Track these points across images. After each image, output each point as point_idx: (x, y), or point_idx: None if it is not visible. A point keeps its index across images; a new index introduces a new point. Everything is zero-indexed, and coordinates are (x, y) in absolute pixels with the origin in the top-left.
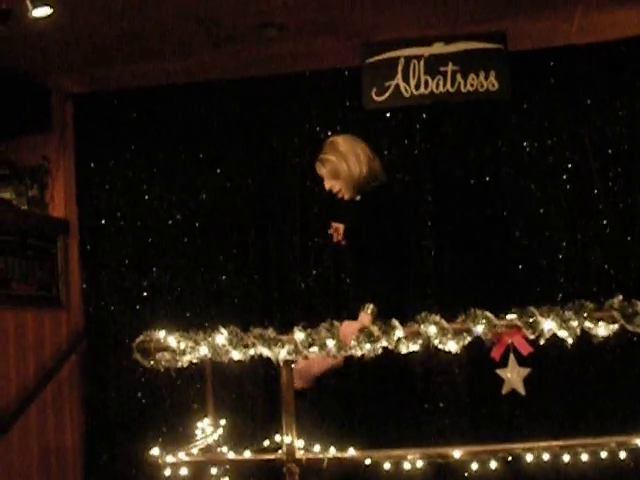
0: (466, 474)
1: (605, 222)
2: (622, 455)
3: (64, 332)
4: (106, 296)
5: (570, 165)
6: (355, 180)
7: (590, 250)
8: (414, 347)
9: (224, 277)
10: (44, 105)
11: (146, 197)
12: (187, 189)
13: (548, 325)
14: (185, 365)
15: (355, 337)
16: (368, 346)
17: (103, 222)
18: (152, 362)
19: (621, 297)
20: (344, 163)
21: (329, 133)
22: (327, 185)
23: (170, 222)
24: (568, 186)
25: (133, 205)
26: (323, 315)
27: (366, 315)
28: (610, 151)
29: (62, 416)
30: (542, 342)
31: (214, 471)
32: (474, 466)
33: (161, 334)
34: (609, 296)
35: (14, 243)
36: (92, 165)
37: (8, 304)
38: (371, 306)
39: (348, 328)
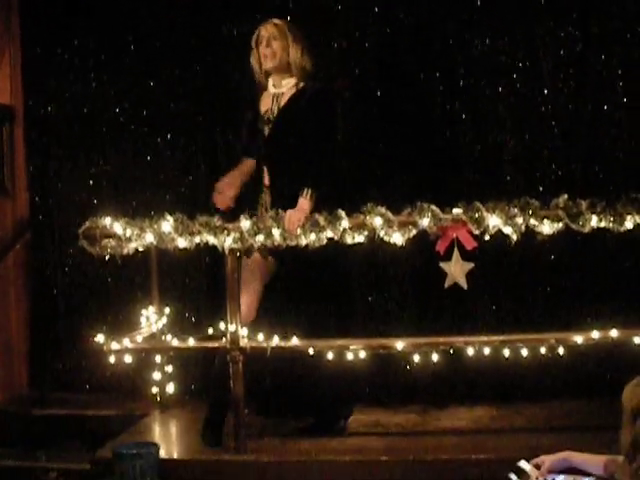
0: (408, 366)
1: (553, 123)
2: (561, 351)
3: (9, 220)
4: (52, 184)
5: (521, 65)
6: (299, 55)
7: (537, 150)
8: (359, 238)
9: (171, 167)
10: None
11: (94, 84)
12: (137, 76)
13: (493, 221)
14: (131, 252)
15: (300, 226)
16: (313, 236)
17: (50, 110)
18: (98, 249)
19: (566, 196)
20: (294, 32)
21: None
22: (265, 44)
23: (118, 110)
24: (518, 85)
25: (81, 93)
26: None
27: (305, 200)
28: (562, 52)
29: (7, 305)
30: (487, 237)
31: (158, 359)
32: (416, 358)
33: (107, 221)
34: (555, 196)
35: None
36: (39, 50)
37: None
38: (310, 191)
39: (293, 216)
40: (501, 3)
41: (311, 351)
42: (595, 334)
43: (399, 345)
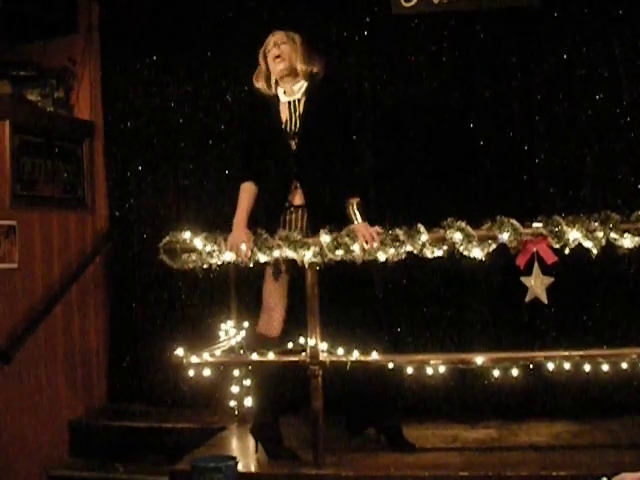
0: (487, 381)
1: (633, 135)
2: None
3: (89, 234)
4: (131, 198)
5: (599, 77)
6: (309, 57)
7: (617, 163)
8: (439, 253)
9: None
10: (70, 5)
11: (173, 99)
12: (214, 91)
13: (573, 235)
14: (210, 267)
15: (378, 240)
16: (392, 250)
17: (129, 124)
18: (178, 263)
19: None
20: (301, 38)
21: (356, 38)
22: (275, 50)
23: (196, 124)
24: (597, 97)
25: (159, 107)
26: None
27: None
28: None
29: (87, 317)
30: (567, 252)
31: (236, 373)
32: (496, 373)
33: (187, 235)
34: (635, 209)
35: (40, 144)
36: (118, 67)
37: (34, 205)
38: (358, 200)
39: (367, 232)
40: (576, 13)
41: (391, 365)
42: None
43: (479, 360)
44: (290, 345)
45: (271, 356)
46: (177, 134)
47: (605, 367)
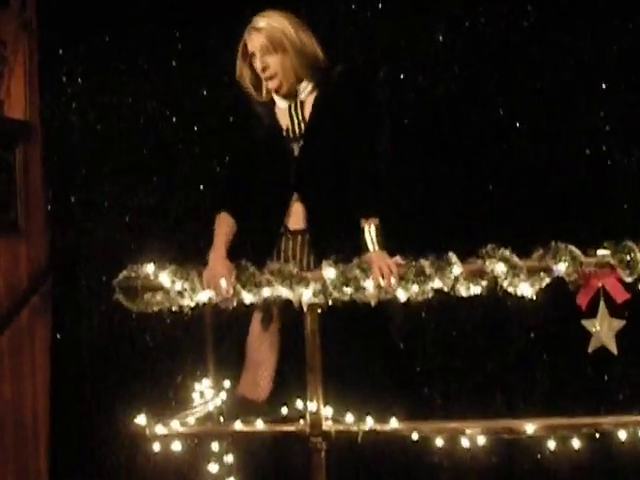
0: (540, 455)
1: None
2: None
3: (23, 267)
4: (77, 221)
5: None
6: (307, 54)
7: None
8: (476, 290)
9: None
10: None
11: (131, 93)
12: (185, 82)
13: None
14: (180, 310)
15: (395, 274)
16: (416, 287)
17: (74, 126)
18: (138, 305)
19: None
20: (290, 28)
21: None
22: (259, 64)
23: (162, 125)
24: None
25: (114, 104)
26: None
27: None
28: None
29: (20, 375)
30: None
31: (216, 446)
32: (551, 444)
33: (150, 269)
34: None
35: None
36: (61, 53)
37: None
38: (375, 221)
39: (383, 263)
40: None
41: (415, 436)
42: None
43: (529, 428)
44: (284, 411)
45: (260, 425)
46: (138, 138)
47: None
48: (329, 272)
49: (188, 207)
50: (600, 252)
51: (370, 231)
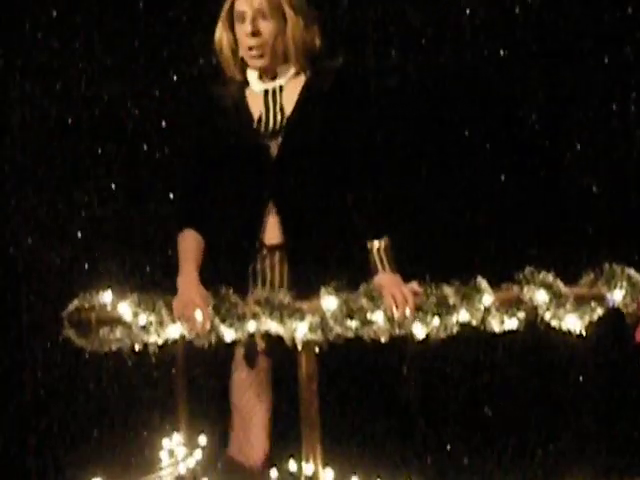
0: None
1: None
2: None
3: None
4: (14, 238)
5: None
6: (306, 32)
7: None
8: (511, 323)
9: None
10: None
11: (81, 79)
12: (150, 66)
13: None
14: (144, 347)
15: (411, 304)
16: (437, 321)
17: (11, 119)
18: (93, 342)
19: None
20: (293, 4)
21: None
22: (250, 27)
23: (121, 119)
24: None
25: (60, 92)
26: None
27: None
28: None
29: None
30: None
31: None
32: None
33: (106, 298)
34: None
35: None
36: None
37: None
38: (385, 241)
39: (397, 291)
40: None
41: None
42: None
43: None
44: (274, 474)
45: None
46: (89, 135)
47: None
48: (329, 302)
49: (154, 221)
50: None
51: (379, 250)
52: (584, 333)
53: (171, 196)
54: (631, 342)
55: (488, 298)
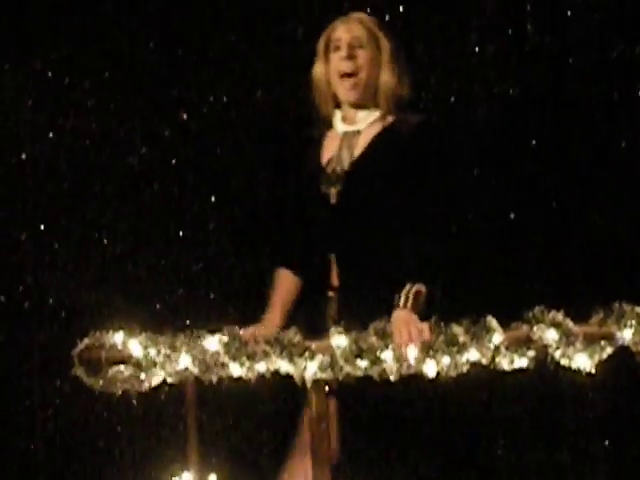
0: None
1: None
2: None
3: None
4: (21, 274)
5: None
6: (398, 70)
7: None
8: (521, 362)
9: (217, 245)
10: None
11: (86, 108)
12: (163, 100)
13: None
14: (155, 386)
15: (421, 343)
16: (447, 359)
17: (17, 151)
18: (103, 382)
19: None
20: (387, 34)
21: None
22: (345, 51)
23: (127, 150)
24: None
25: (70, 122)
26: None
27: (409, 303)
28: None
29: None
30: None
31: None
32: None
33: (117, 337)
34: None
35: None
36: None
37: None
38: (415, 288)
39: (403, 328)
40: None
41: None
42: None
43: None
44: None
45: None
46: (99, 170)
47: None
48: (338, 340)
49: (166, 259)
50: None
51: (409, 291)
52: (594, 371)
53: (181, 234)
54: None
55: (498, 337)
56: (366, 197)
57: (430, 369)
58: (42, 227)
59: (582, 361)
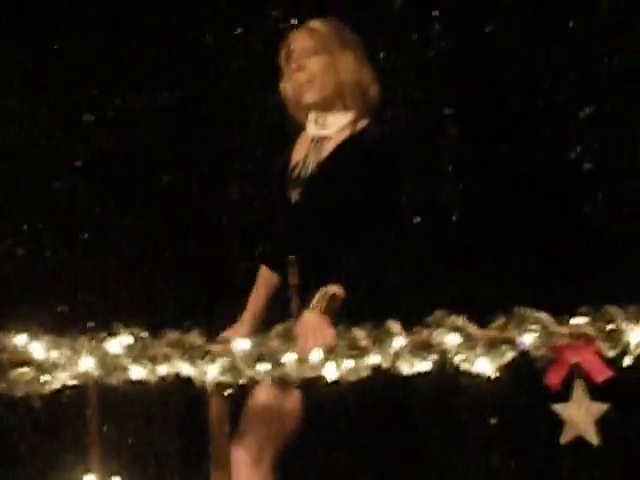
0: None
1: None
2: None
3: None
4: None
5: None
6: (352, 68)
7: None
8: (422, 366)
9: (128, 248)
10: None
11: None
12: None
13: (638, 336)
14: (57, 388)
15: (325, 347)
16: (350, 363)
17: None
18: (4, 384)
19: None
20: (351, 35)
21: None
22: (294, 64)
23: (46, 142)
24: None
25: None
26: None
27: (320, 303)
28: None
29: None
30: (627, 362)
31: None
32: None
33: (21, 340)
34: None
35: None
36: None
37: None
38: (331, 291)
39: (310, 329)
40: None
41: None
42: None
43: None
44: None
45: None
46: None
47: None
48: (239, 344)
49: (63, 263)
50: (575, 320)
51: (326, 293)
52: (494, 376)
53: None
54: (542, 385)
55: (399, 341)
56: (324, 202)
57: (330, 373)
58: None
59: (483, 365)
